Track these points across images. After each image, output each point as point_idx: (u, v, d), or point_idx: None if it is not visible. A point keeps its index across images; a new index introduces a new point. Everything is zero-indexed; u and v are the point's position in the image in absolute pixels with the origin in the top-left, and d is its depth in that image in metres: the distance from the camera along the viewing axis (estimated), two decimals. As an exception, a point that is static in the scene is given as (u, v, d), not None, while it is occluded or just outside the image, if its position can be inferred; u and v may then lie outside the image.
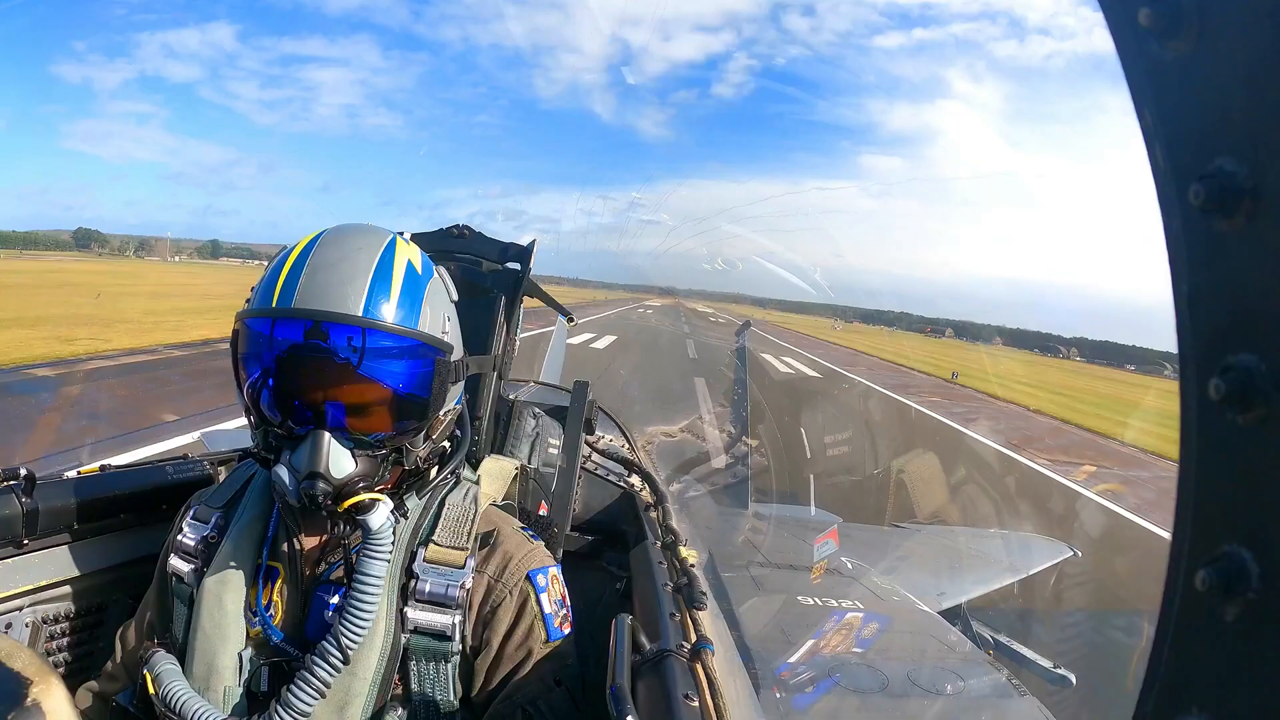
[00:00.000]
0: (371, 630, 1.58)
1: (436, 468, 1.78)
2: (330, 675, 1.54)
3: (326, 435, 1.53)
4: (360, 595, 1.56)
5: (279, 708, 1.54)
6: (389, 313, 1.56)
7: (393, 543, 1.62)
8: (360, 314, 1.53)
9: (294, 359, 1.54)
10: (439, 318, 1.67)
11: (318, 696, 1.54)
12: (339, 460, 1.54)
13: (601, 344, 29.62)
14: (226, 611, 1.67)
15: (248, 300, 1.63)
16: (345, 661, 1.55)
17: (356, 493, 1.56)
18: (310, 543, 1.73)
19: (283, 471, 1.56)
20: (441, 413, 1.70)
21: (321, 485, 1.52)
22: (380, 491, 1.62)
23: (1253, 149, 0.50)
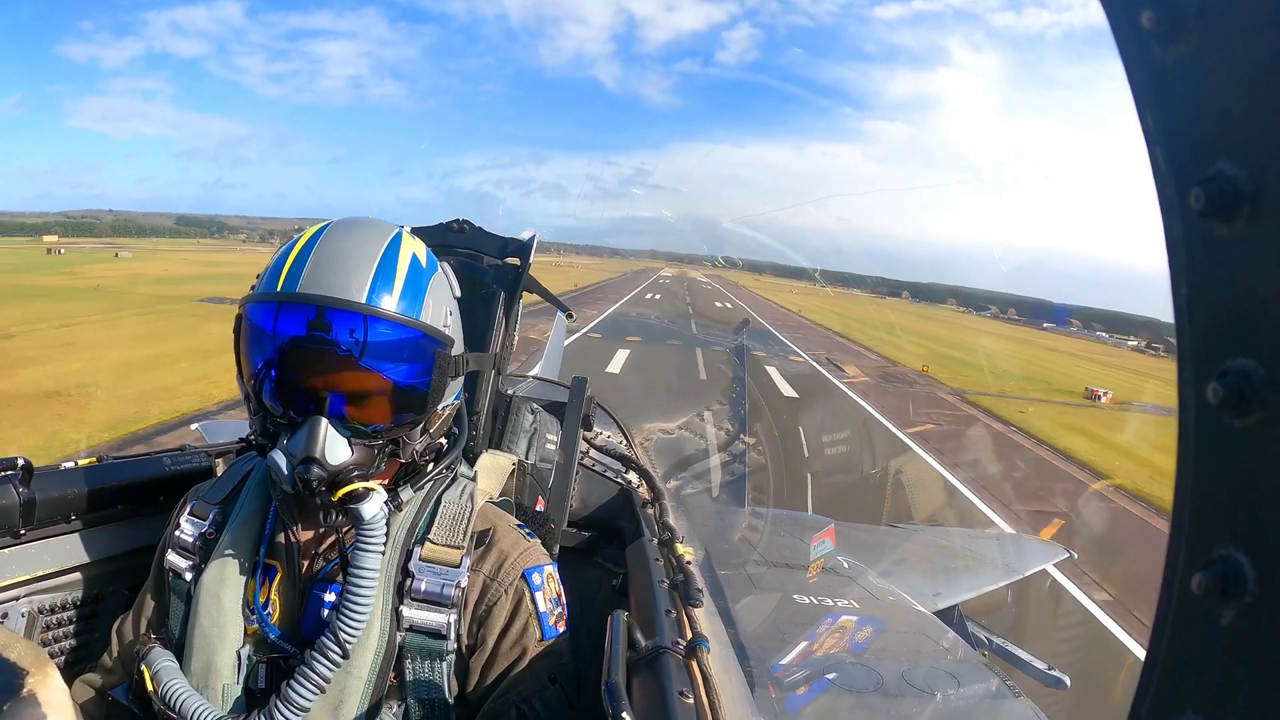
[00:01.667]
0: (367, 628, 1.58)
1: (432, 463, 1.78)
2: (329, 670, 1.54)
3: (324, 421, 1.54)
4: (355, 588, 1.56)
5: (279, 703, 1.54)
6: (392, 302, 1.57)
7: (386, 535, 1.63)
8: (364, 301, 1.54)
9: (296, 350, 1.54)
10: (441, 311, 1.68)
11: (317, 692, 1.54)
12: (335, 447, 1.54)
13: (658, 296, 58.21)
14: (224, 609, 1.67)
15: (252, 287, 1.64)
16: (345, 656, 1.55)
17: (350, 481, 1.56)
18: (307, 540, 1.73)
19: (278, 456, 1.56)
20: (440, 407, 1.70)
21: (316, 470, 1.52)
22: (374, 483, 1.62)
23: (1254, 153, 0.50)
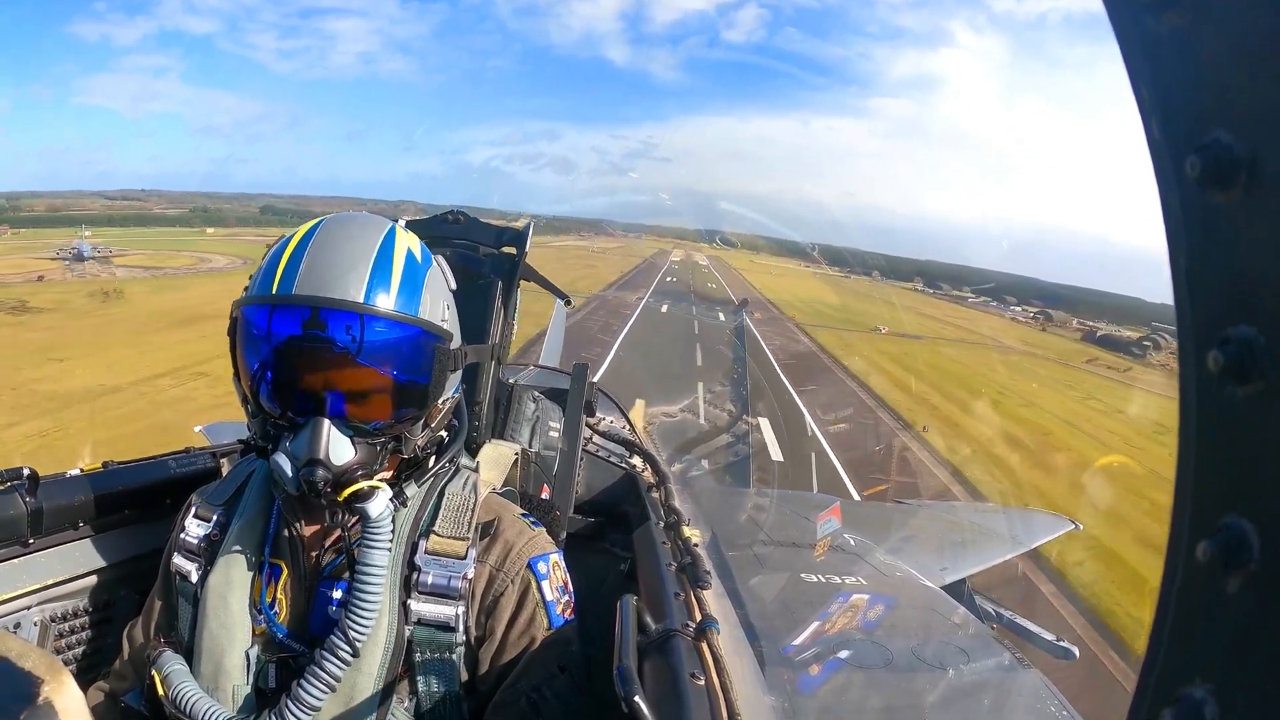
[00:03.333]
0: (375, 624, 1.58)
1: (434, 457, 1.78)
2: (340, 669, 1.54)
3: (326, 422, 1.53)
4: (363, 586, 1.56)
5: (290, 703, 1.54)
6: (389, 300, 1.57)
7: (393, 532, 1.62)
8: (361, 301, 1.53)
9: (292, 349, 1.54)
10: (438, 305, 1.68)
11: (328, 691, 1.54)
12: (338, 447, 1.54)
13: (673, 280, 74.97)
14: (231, 610, 1.67)
15: (245, 289, 1.63)
16: (355, 655, 1.55)
17: (355, 480, 1.56)
18: (312, 537, 1.73)
19: (282, 459, 1.56)
20: (440, 401, 1.70)
21: (321, 472, 1.51)
22: (378, 480, 1.62)
23: (1249, 121, 0.49)
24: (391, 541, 1.61)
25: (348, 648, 1.54)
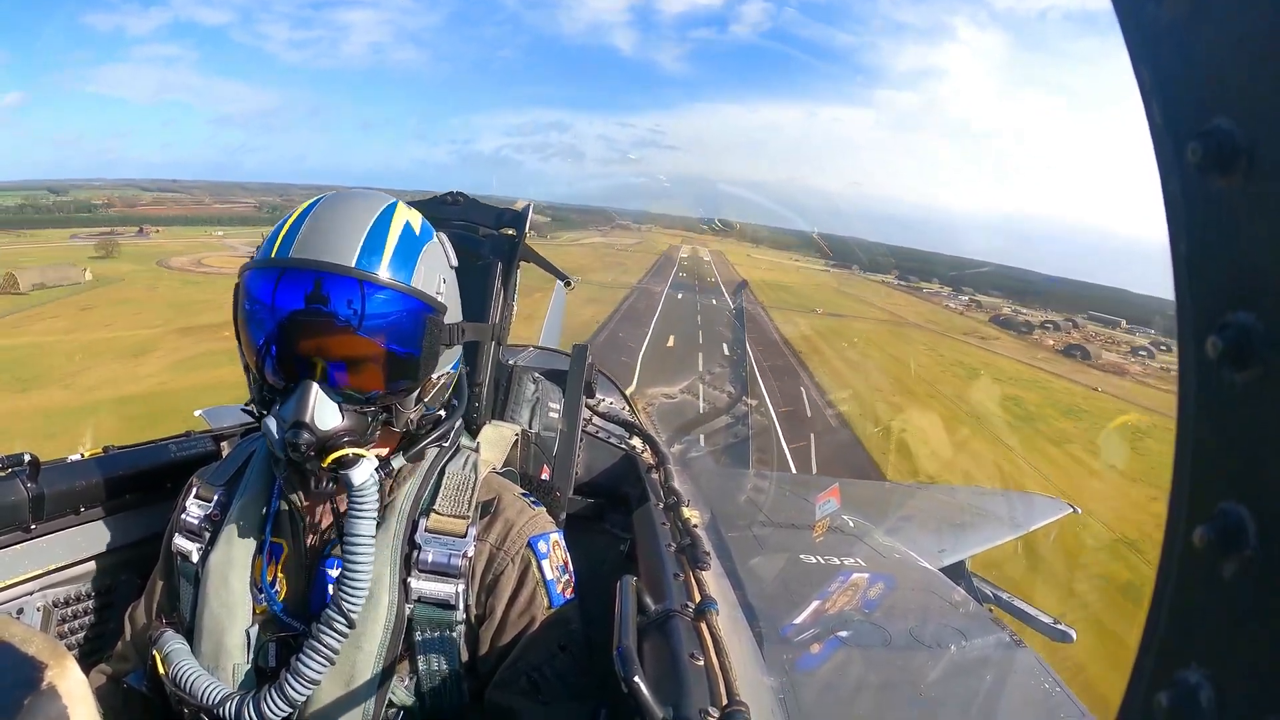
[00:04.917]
0: (375, 601, 1.59)
1: (429, 434, 1.79)
2: (337, 642, 1.55)
3: (314, 386, 1.54)
4: (352, 556, 1.56)
5: (289, 676, 1.54)
6: (381, 267, 1.58)
7: (390, 505, 1.64)
8: (353, 264, 1.55)
9: (295, 324, 1.55)
10: (433, 278, 1.68)
11: (326, 664, 1.55)
12: (324, 412, 1.55)
13: (683, 275, 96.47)
14: (232, 590, 1.68)
15: (251, 258, 1.64)
16: (350, 626, 1.55)
17: (340, 447, 1.56)
18: (312, 515, 1.74)
19: (270, 422, 1.57)
20: (434, 375, 1.70)
21: (305, 436, 1.52)
22: (371, 451, 1.63)
23: (1250, 108, 0.49)
24: (377, 511, 1.62)
25: (342, 619, 1.55)
